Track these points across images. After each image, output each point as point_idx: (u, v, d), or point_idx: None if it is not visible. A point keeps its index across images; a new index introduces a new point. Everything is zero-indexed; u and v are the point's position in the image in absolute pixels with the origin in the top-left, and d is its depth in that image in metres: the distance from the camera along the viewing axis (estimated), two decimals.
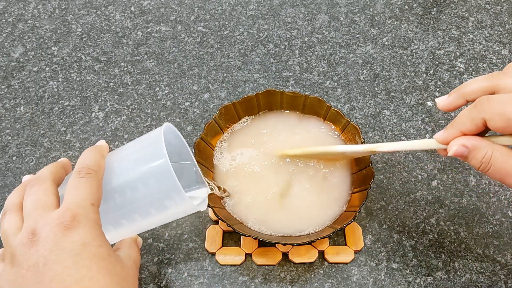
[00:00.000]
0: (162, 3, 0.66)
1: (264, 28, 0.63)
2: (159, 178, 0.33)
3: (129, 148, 0.36)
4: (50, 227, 0.29)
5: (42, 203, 0.31)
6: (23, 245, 0.29)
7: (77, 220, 0.29)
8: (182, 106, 0.54)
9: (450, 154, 0.33)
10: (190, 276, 0.42)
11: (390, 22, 0.63)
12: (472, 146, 0.32)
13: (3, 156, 0.51)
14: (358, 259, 0.43)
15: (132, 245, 0.37)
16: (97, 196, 0.31)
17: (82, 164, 0.32)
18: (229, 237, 0.44)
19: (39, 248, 0.28)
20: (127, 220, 0.34)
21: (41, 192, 0.32)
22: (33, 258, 0.28)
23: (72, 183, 0.31)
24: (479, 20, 0.63)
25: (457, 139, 0.33)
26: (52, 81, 0.57)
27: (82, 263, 0.28)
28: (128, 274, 0.32)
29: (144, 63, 0.59)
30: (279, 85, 0.57)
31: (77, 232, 0.29)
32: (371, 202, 0.47)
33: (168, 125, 0.36)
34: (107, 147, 0.36)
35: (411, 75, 0.58)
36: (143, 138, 0.36)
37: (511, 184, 0.31)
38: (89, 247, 0.29)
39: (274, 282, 0.42)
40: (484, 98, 0.32)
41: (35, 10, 0.65)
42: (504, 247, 0.44)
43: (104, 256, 0.30)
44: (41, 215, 0.30)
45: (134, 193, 0.33)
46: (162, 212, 0.35)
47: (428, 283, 0.42)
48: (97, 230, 0.30)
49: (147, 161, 0.34)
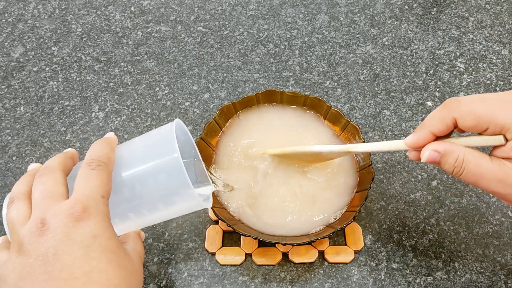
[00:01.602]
0: (162, 3, 0.66)
1: (264, 28, 0.63)
2: (170, 173, 0.33)
3: (139, 142, 0.36)
4: (60, 217, 0.29)
5: (51, 193, 0.30)
6: (31, 234, 0.29)
7: (87, 211, 0.29)
8: (182, 106, 0.54)
9: (423, 160, 0.33)
10: (190, 276, 0.42)
11: (390, 22, 0.63)
12: (443, 150, 0.32)
13: (3, 156, 0.51)
14: (358, 259, 0.43)
15: (137, 239, 0.37)
16: (107, 188, 0.31)
17: (92, 156, 0.32)
18: (229, 237, 0.44)
19: (49, 238, 0.28)
20: (135, 214, 0.34)
21: (50, 182, 0.31)
22: (43, 248, 0.28)
23: (83, 175, 0.31)
24: (479, 20, 0.63)
25: (429, 144, 0.33)
26: (52, 81, 0.57)
27: (92, 255, 0.28)
28: (134, 268, 0.32)
29: (144, 63, 0.59)
30: (279, 85, 0.57)
31: (87, 224, 0.29)
32: (371, 202, 0.47)
33: (178, 121, 0.36)
34: (116, 139, 0.36)
35: (411, 75, 0.58)
36: (153, 133, 0.36)
37: (485, 187, 0.31)
38: (99, 239, 0.29)
39: (274, 282, 0.42)
40: (453, 99, 0.32)
41: (35, 10, 0.65)
42: (504, 247, 0.44)
43: (113, 249, 0.30)
44: (50, 205, 0.30)
45: (144, 187, 0.33)
46: (169, 208, 0.35)
47: (428, 283, 0.42)
48: (106, 222, 0.30)
49: (158, 156, 0.33)
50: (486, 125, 0.31)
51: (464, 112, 0.31)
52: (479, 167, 0.31)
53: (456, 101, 0.32)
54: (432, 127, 0.33)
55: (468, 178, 0.32)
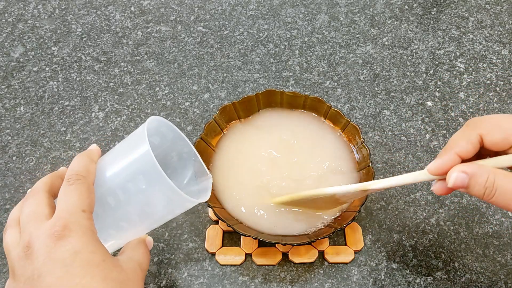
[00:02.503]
0: (162, 3, 0.66)
1: (264, 28, 0.63)
2: (146, 173, 0.32)
3: (117, 149, 0.35)
4: (42, 238, 0.29)
5: (36, 214, 0.31)
6: (19, 258, 0.29)
7: (68, 228, 0.29)
8: (182, 106, 0.54)
9: (450, 184, 0.30)
10: (190, 276, 0.42)
11: (390, 22, 0.63)
12: (472, 171, 0.29)
13: (3, 156, 0.51)
14: (358, 259, 0.43)
15: (137, 246, 0.36)
16: (88, 201, 0.31)
17: (71, 172, 0.32)
18: (229, 237, 0.44)
19: (34, 261, 0.28)
20: (126, 222, 0.34)
21: (34, 204, 0.31)
22: (29, 271, 0.28)
23: (62, 192, 0.31)
24: (479, 20, 0.63)
25: (456, 166, 0.30)
26: (52, 81, 0.57)
27: (74, 272, 0.28)
28: (127, 278, 0.31)
29: (144, 63, 0.59)
30: (279, 85, 0.57)
31: (68, 241, 0.29)
32: (371, 202, 0.47)
33: (155, 118, 0.35)
34: (98, 150, 0.35)
35: (411, 75, 0.58)
36: (130, 136, 0.35)
37: None
38: (81, 255, 0.29)
39: (274, 282, 0.42)
40: (475, 118, 0.31)
41: (35, 10, 0.65)
42: (504, 247, 0.44)
43: (98, 262, 0.29)
44: (35, 227, 0.30)
45: (126, 194, 0.32)
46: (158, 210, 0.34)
47: (428, 283, 0.42)
48: (89, 236, 0.30)
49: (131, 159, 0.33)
50: None
51: (490, 126, 0.30)
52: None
53: (478, 119, 0.31)
54: (457, 148, 0.31)
55: (501, 200, 0.29)
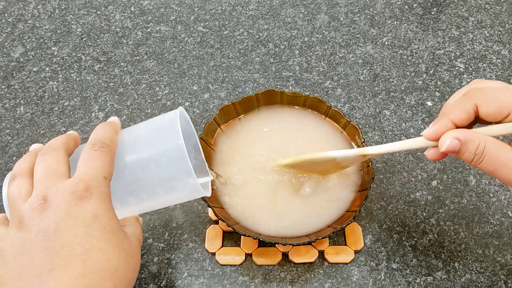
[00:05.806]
0: (162, 3, 0.66)
1: (264, 28, 0.63)
2: (171, 159, 0.33)
3: (142, 127, 0.36)
4: (62, 195, 0.29)
5: (54, 171, 0.30)
6: (33, 210, 0.29)
7: (89, 191, 0.29)
8: (182, 106, 0.54)
9: (442, 149, 0.32)
10: (190, 276, 0.42)
11: (390, 22, 0.63)
12: (465, 138, 0.31)
13: (3, 156, 0.51)
14: (358, 259, 0.43)
15: (136, 223, 0.37)
16: (109, 170, 0.31)
17: (96, 138, 0.32)
18: (229, 237, 0.44)
19: (50, 215, 0.28)
20: (134, 198, 0.34)
21: (52, 160, 0.31)
22: (44, 224, 0.28)
23: (86, 155, 0.31)
24: (479, 20, 0.63)
25: (449, 132, 0.32)
26: (52, 81, 0.57)
27: (93, 234, 0.28)
28: (133, 251, 0.32)
29: (144, 63, 0.59)
30: (279, 85, 0.57)
31: (89, 203, 0.29)
32: (371, 202, 0.47)
33: (182, 109, 0.36)
34: (119, 123, 0.36)
35: (411, 75, 0.58)
36: (158, 119, 0.36)
37: (502, 176, 0.31)
38: (100, 219, 0.29)
39: (274, 282, 0.42)
40: (475, 88, 0.32)
41: (35, 10, 0.65)
42: (504, 247, 0.44)
43: (113, 229, 0.30)
44: (53, 183, 0.30)
45: (145, 172, 0.33)
46: (169, 194, 0.35)
47: (428, 283, 0.42)
48: (108, 203, 0.30)
49: (161, 141, 0.34)
50: (507, 111, 0.30)
51: (486, 98, 0.31)
52: (500, 156, 0.30)
53: (478, 90, 0.32)
54: (452, 115, 0.32)
55: (488, 166, 0.31)
